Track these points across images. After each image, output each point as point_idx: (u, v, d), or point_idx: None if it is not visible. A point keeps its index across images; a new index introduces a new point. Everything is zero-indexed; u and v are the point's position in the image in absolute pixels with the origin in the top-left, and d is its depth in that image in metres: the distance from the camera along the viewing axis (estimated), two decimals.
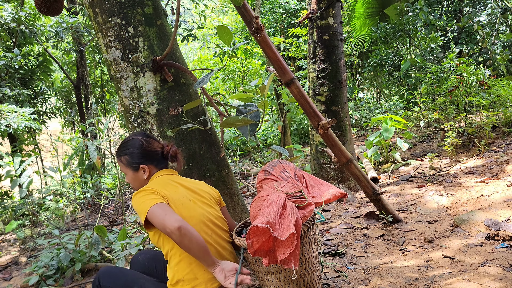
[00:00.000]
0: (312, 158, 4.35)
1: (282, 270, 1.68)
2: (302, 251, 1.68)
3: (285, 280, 1.70)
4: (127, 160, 1.87)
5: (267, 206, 1.57)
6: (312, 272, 1.73)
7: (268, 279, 1.72)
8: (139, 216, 1.76)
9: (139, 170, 1.86)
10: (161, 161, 1.91)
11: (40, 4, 2.39)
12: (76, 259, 3.16)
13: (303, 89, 2.66)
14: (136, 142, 1.87)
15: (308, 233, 1.71)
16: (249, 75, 10.07)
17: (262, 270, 1.73)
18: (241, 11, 2.32)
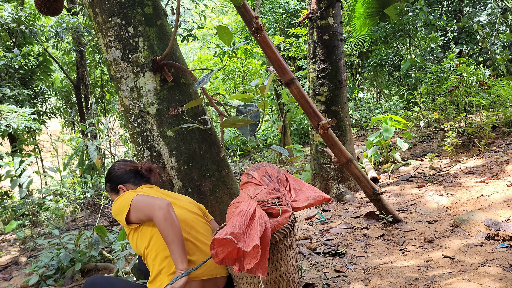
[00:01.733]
0: (312, 158, 4.34)
1: (256, 276, 1.69)
2: (277, 258, 1.69)
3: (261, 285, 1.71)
4: (109, 187, 2.06)
5: (235, 216, 1.60)
6: (288, 278, 1.75)
7: (244, 284, 1.75)
8: (115, 217, 1.85)
9: (119, 191, 2.02)
10: (137, 178, 2.04)
11: (40, 4, 2.39)
12: (76, 259, 3.16)
13: (303, 89, 2.66)
14: (112, 169, 2.07)
15: (284, 240, 1.71)
16: (249, 75, 10.07)
17: (238, 274, 1.75)
18: (241, 11, 2.32)
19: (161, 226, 1.65)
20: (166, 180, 2.41)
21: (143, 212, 1.71)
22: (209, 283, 1.76)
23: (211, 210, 2.48)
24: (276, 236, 1.66)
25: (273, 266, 1.69)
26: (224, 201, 2.53)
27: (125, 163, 2.09)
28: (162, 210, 1.66)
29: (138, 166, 2.07)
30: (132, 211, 1.74)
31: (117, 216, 1.82)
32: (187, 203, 1.96)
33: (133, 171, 2.05)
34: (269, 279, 1.70)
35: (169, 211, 1.67)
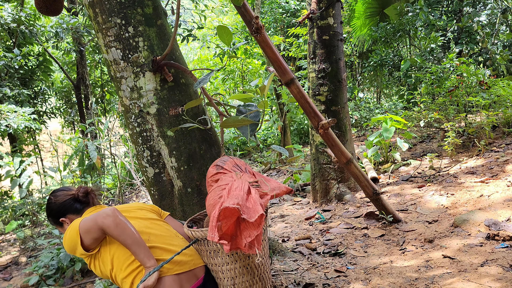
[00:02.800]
0: (312, 158, 4.35)
1: (238, 260, 1.69)
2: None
3: (240, 271, 1.72)
4: (51, 221, 1.98)
5: (233, 191, 1.57)
6: (264, 264, 1.77)
7: (223, 271, 1.74)
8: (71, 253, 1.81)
9: (64, 225, 1.94)
10: (77, 205, 1.95)
11: (40, 4, 2.39)
12: (76, 259, 3.16)
13: (303, 89, 2.66)
14: (48, 203, 1.97)
15: (266, 222, 1.74)
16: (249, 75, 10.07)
17: (216, 262, 1.74)
18: (241, 11, 2.32)
19: (115, 232, 1.62)
20: (166, 180, 2.40)
21: (94, 229, 1.66)
22: (187, 276, 1.73)
23: None
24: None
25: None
26: None
27: (60, 193, 1.98)
28: (110, 217, 1.62)
29: (74, 193, 1.97)
30: (83, 235, 1.68)
31: (72, 251, 1.75)
32: (137, 212, 1.93)
33: (70, 200, 1.95)
34: (250, 262, 1.70)
35: (117, 216, 1.64)
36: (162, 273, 1.67)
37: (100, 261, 1.76)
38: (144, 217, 1.89)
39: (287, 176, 6.25)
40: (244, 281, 1.72)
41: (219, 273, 1.74)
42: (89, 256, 1.77)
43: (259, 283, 1.76)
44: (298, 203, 4.52)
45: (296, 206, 4.40)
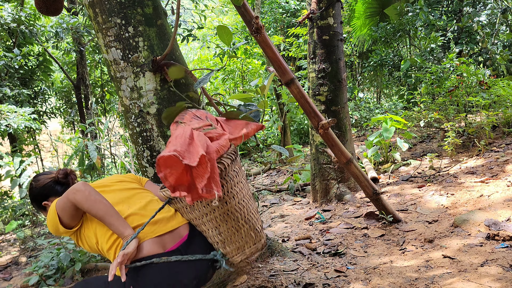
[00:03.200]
0: (312, 158, 4.34)
1: (215, 209, 1.66)
2: (231, 185, 1.66)
3: (221, 219, 1.68)
4: (36, 206, 1.98)
5: (173, 140, 1.52)
6: (247, 205, 1.73)
7: (204, 223, 1.71)
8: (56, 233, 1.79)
9: (47, 208, 1.93)
10: (59, 188, 1.96)
11: (40, 4, 2.39)
12: (76, 259, 3.16)
13: (303, 89, 2.66)
14: (30, 188, 1.97)
15: (233, 166, 1.68)
16: (249, 75, 10.07)
17: (195, 216, 1.71)
18: (241, 11, 2.32)
19: (86, 206, 1.61)
20: None
21: (67, 206, 1.66)
22: (170, 236, 1.71)
23: None
24: (224, 162, 1.63)
25: (229, 193, 1.66)
26: None
27: (41, 177, 1.99)
28: (79, 192, 1.62)
29: (55, 176, 1.98)
30: (60, 214, 1.69)
31: (56, 231, 1.75)
32: (117, 184, 1.90)
33: (50, 182, 1.96)
34: (229, 208, 1.67)
35: (86, 189, 1.63)
36: (142, 238, 1.66)
37: (85, 236, 1.76)
38: (124, 188, 1.88)
39: (287, 176, 6.25)
40: (229, 227, 1.69)
41: (201, 226, 1.72)
42: (73, 233, 1.77)
43: (246, 226, 1.73)
44: (298, 203, 4.53)
45: (296, 206, 4.40)
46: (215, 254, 1.74)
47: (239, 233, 1.72)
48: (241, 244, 1.75)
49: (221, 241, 1.73)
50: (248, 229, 1.73)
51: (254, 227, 1.76)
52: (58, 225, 1.71)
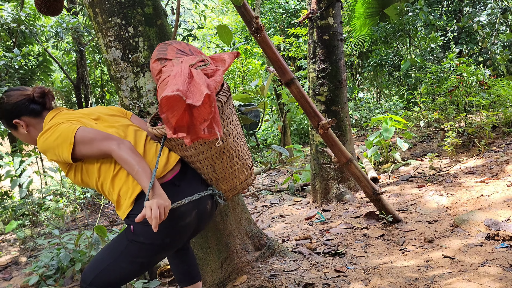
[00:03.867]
0: (312, 158, 4.34)
1: (212, 147, 1.64)
2: (227, 122, 1.65)
3: (217, 156, 1.68)
4: (5, 123, 1.81)
5: (172, 79, 1.46)
6: (240, 143, 1.75)
7: (200, 161, 1.70)
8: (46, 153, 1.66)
9: (18, 127, 1.77)
10: (35, 107, 1.77)
11: (40, 4, 2.39)
12: (76, 259, 3.16)
13: (303, 89, 2.66)
14: (0, 104, 1.78)
15: (228, 104, 1.67)
16: (249, 75, 10.07)
17: (191, 154, 1.68)
18: (241, 11, 2.32)
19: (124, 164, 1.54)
20: None
21: (97, 149, 1.58)
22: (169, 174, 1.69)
23: None
24: (221, 99, 1.61)
25: (226, 131, 1.65)
26: None
27: (14, 93, 1.78)
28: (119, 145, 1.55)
29: (30, 93, 1.77)
30: (79, 145, 1.58)
31: (55, 154, 1.63)
32: (111, 119, 1.82)
33: (25, 100, 1.75)
34: (225, 145, 1.66)
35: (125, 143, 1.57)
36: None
37: (84, 170, 1.69)
38: (122, 125, 1.81)
39: (287, 176, 6.25)
40: (224, 164, 1.70)
41: (197, 164, 1.71)
42: (72, 165, 1.69)
43: (240, 163, 1.75)
44: (298, 203, 4.53)
45: (296, 206, 4.40)
46: (213, 189, 1.75)
47: (233, 169, 1.74)
48: (234, 181, 1.78)
49: (215, 178, 1.74)
50: (241, 166, 1.75)
51: (246, 164, 1.78)
52: (63, 152, 1.60)
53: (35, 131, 1.77)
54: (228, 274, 2.48)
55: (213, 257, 2.51)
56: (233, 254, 2.53)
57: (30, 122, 1.76)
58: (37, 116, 1.76)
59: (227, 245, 2.52)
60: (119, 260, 1.66)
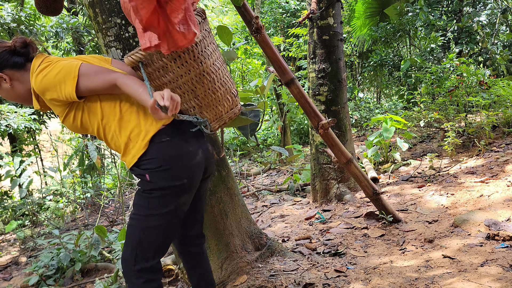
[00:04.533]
0: (312, 158, 4.34)
1: (191, 69, 1.57)
2: (204, 44, 1.58)
3: (198, 80, 1.61)
4: None
5: None
6: (221, 68, 1.67)
7: (179, 86, 1.61)
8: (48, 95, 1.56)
9: (0, 82, 1.65)
10: (18, 60, 1.65)
11: (40, 4, 2.39)
12: (76, 259, 3.17)
13: (303, 89, 2.66)
14: None
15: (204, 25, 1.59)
16: (249, 75, 10.07)
17: (169, 79, 1.61)
18: (241, 11, 2.32)
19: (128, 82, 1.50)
20: None
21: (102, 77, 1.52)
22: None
23: (211, 210, 2.48)
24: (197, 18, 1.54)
25: (203, 53, 1.58)
26: (224, 201, 2.53)
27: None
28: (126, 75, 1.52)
29: (11, 45, 1.66)
30: (82, 78, 1.51)
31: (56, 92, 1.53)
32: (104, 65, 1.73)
33: (6, 52, 1.64)
34: (205, 68, 1.59)
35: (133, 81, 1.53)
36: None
37: (86, 110, 1.63)
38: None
39: (287, 176, 6.25)
40: (205, 89, 1.63)
41: (177, 90, 1.64)
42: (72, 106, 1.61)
43: (222, 89, 1.67)
44: (298, 203, 4.53)
45: (296, 206, 4.40)
46: (197, 117, 1.66)
47: (216, 95, 1.66)
48: (219, 109, 1.70)
49: (198, 105, 1.67)
50: (225, 92, 1.68)
51: (230, 90, 1.71)
52: (67, 86, 1.52)
53: (20, 85, 1.66)
54: (228, 274, 2.48)
55: (213, 257, 2.51)
56: (233, 254, 2.53)
57: (13, 76, 1.64)
58: (20, 69, 1.65)
59: (227, 245, 2.52)
60: (148, 221, 1.61)
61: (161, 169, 1.57)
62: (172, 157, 1.59)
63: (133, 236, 1.63)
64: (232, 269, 2.49)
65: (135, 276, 1.61)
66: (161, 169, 1.57)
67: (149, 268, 1.62)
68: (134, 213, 1.65)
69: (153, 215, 1.61)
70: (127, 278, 1.64)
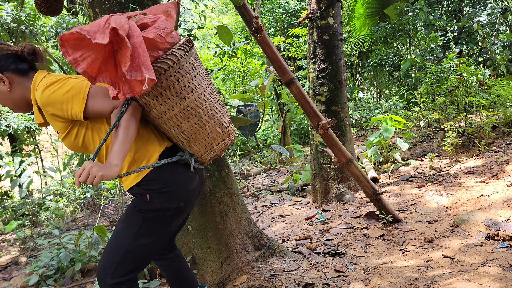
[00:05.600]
0: (312, 158, 4.34)
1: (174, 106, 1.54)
2: (187, 78, 1.55)
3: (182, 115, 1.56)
4: None
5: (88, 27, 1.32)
6: (209, 100, 1.62)
7: (165, 122, 1.60)
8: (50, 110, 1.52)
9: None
10: (22, 66, 1.61)
11: (40, 4, 2.39)
12: (76, 259, 3.16)
13: (303, 89, 2.66)
14: None
15: (187, 58, 1.56)
16: (249, 75, 10.07)
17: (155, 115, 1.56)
18: (241, 11, 2.32)
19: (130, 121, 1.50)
20: None
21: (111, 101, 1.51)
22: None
23: (211, 210, 2.48)
24: (176, 53, 1.51)
25: (187, 88, 1.55)
26: (224, 201, 2.53)
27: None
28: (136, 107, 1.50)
29: (17, 49, 1.61)
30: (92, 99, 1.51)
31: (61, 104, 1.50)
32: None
33: (11, 55, 1.59)
34: (189, 103, 1.56)
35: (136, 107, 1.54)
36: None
37: (90, 129, 1.61)
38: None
39: (287, 176, 6.25)
40: (191, 124, 1.60)
41: (163, 126, 1.63)
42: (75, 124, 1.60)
43: (211, 122, 1.63)
44: (298, 203, 4.53)
45: (296, 206, 4.40)
46: (182, 154, 1.65)
47: (204, 129, 1.63)
48: (208, 141, 1.66)
49: (186, 140, 1.64)
50: (214, 125, 1.64)
51: (219, 122, 1.66)
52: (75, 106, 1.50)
53: (18, 90, 1.60)
54: (228, 274, 2.48)
55: (213, 257, 2.51)
56: (233, 254, 2.53)
57: (13, 80, 1.59)
58: (22, 75, 1.60)
59: (227, 245, 2.52)
60: (138, 237, 1.59)
61: (162, 191, 1.57)
62: (173, 180, 1.60)
63: (116, 251, 1.60)
64: (232, 269, 2.49)
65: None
66: (162, 191, 1.57)
67: (125, 281, 1.59)
68: (123, 228, 1.63)
69: (144, 235, 1.60)
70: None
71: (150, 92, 1.52)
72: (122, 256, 1.59)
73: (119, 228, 1.64)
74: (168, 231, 1.67)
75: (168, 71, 1.51)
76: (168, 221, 1.63)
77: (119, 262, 1.58)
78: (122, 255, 1.59)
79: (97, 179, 1.40)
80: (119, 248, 1.60)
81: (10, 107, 1.67)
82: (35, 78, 1.58)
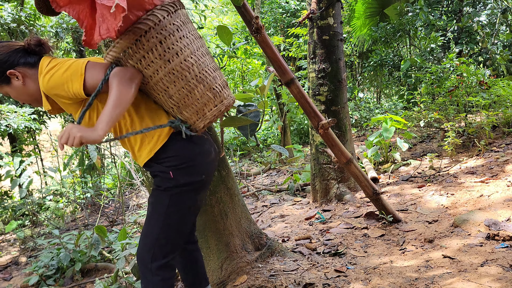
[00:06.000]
0: (312, 158, 4.34)
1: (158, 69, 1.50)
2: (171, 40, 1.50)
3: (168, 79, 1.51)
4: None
5: None
6: (197, 63, 1.55)
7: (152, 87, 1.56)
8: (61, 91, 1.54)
9: (12, 80, 1.62)
10: (30, 59, 1.64)
11: (40, 4, 2.39)
12: (76, 259, 3.17)
13: (303, 89, 2.66)
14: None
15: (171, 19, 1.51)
16: (249, 75, 10.07)
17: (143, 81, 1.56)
18: (241, 11, 2.32)
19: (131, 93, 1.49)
20: None
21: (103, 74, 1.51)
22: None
23: (211, 210, 2.48)
24: (157, 14, 1.46)
25: (170, 50, 1.49)
26: (224, 201, 2.53)
27: (3, 44, 1.65)
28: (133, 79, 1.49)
29: (24, 44, 1.65)
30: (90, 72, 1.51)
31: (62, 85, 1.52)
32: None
33: (19, 50, 1.63)
34: (174, 66, 1.51)
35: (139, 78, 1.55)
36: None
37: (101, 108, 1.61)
38: None
39: (287, 176, 6.25)
40: (179, 89, 1.54)
41: (152, 92, 1.60)
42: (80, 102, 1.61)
43: (200, 86, 1.56)
44: (298, 203, 4.53)
45: (296, 206, 4.40)
46: (173, 121, 1.63)
47: (193, 94, 1.56)
48: (199, 107, 1.59)
49: (176, 106, 1.59)
50: (203, 90, 1.57)
51: (210, 87, 1.58)
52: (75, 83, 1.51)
53: (31, 83, 1.63)
54: (228, 274, 2.48)
55: (213, 257, 2.51)
56: (233, 254, 2.53)
57: (26, 73, 1.62)
58: (33, 67, 1.63)
59: (227, 245, 2.52)
60: (168, 217, 1.64)
61: (184, 166, 1.62)
62: (193, 155, 1.66)
63: (151, 233, 1.65)
64: (232, 269, 2.49)
65: (152, 274, 1.63)
66: (184, 166, 1.62)
67: (165, 264, 1.65)
68: (153, 211, 1.67)
69: (174, 212, 1.64)
70: (143, 275, 1.66)
71: (133, 56, 1.50)
72: (156, 237, 1.63)
73: (149, 212, 1.69)
74: (196, 205, 1.72)
75: (149, 32, 1.46)
76: (194, 195, 1.68)
77: (154, 245, 1.63)
78: (156, 236, 1.63)
79: (77, 140, 1.44)
80: (152, 231, 1.65)
81: (28, 101, 1.71)
82: (40, 66, 1.61)
